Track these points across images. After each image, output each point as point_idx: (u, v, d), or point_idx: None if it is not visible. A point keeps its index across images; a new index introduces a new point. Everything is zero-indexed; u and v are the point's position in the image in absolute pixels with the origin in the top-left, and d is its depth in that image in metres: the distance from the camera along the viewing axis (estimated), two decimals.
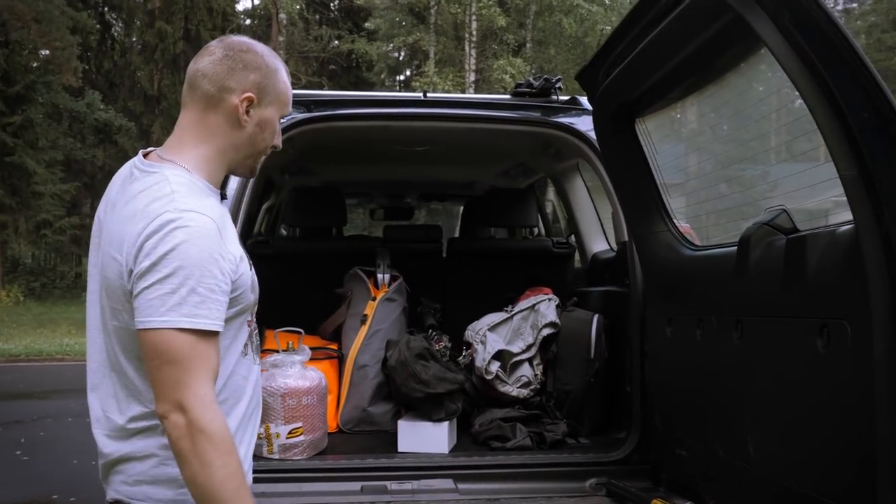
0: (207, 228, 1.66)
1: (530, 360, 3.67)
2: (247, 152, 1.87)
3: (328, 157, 4.73)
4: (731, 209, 3.45)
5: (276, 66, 1.87)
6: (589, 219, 4.51)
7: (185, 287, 1.61)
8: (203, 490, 1.61)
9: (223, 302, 1.68)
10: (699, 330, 2.67)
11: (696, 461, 2.75)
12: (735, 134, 3.33)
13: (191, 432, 1.59)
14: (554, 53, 26.69)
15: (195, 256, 1.63)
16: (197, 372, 1.61)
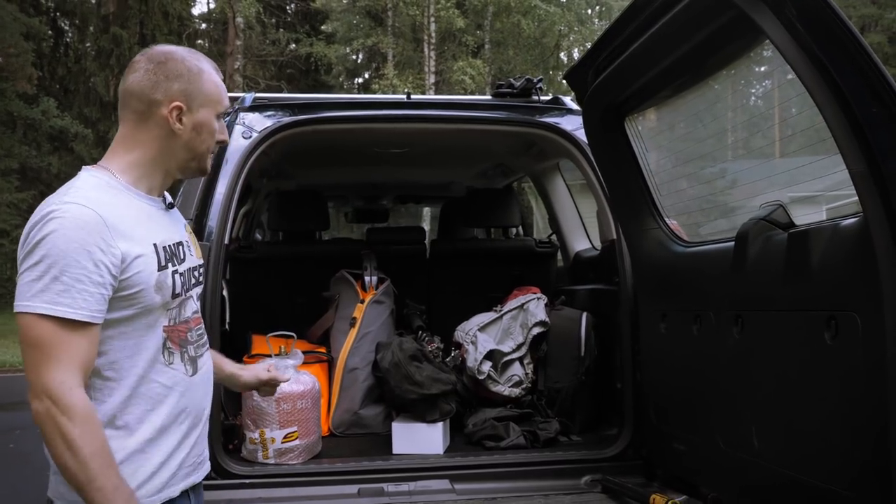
0: (84, 219, 1.69)
1: (521, 359, 3.69)
2: (187, 156, 1.92)
3: (308, 160, 4.71)
4: (719, 206, 3.51)
5: (200, 68, 1.91)
6: (570, 218, 4.55)
7: (48, 275, 1.65)
8: (71, 472, 1.64)
9: (96, 294, 1.68)
10: (696, 325, 2.70)
11: (695, 455, 2.78)
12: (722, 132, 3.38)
13: (52, 415, 1.62)
14: (513, 54, 26.82)
15: (62, 245, 1.66)
16: (58, 359, 1.64)
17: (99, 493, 1.64)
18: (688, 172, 3.53)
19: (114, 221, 1.73)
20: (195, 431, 1.95)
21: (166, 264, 1.84)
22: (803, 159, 2.66)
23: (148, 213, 1.87)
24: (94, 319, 1.69)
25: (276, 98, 3.83)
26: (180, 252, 1.93)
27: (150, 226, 1.84)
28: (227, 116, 1.93)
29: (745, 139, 4.23)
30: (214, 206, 3.15)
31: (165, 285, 1.82)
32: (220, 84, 1.96)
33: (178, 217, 2.05)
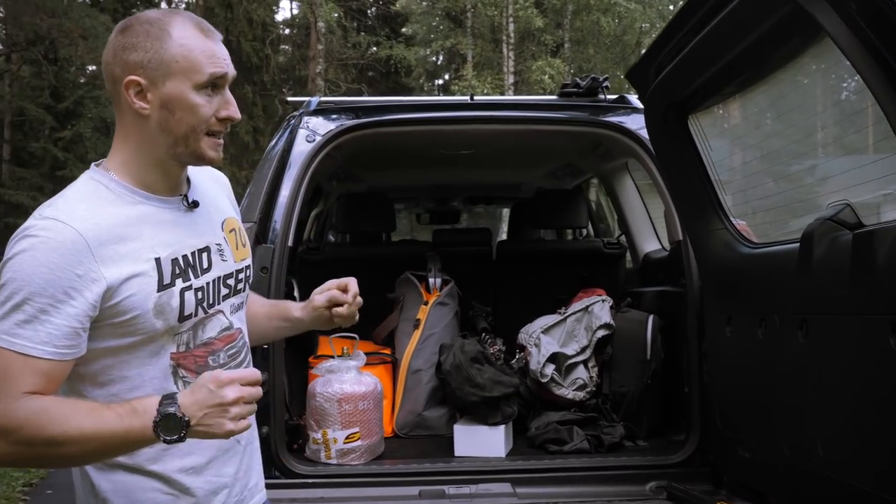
0: (59, 240, 1.46)
1: (585, 362, 3.64)
2: (168, 141, 1.59)
3: (375, 162, 4.75)
4: (788, 205, 3.40)
5: (163, 31, 1.56)
6: (640, 218, 4.47)
7: (10, 301, 1.44)
8: (82, 455, 1.50)
9: (64, 327, 1.45)
10: (761, 329, 2.62)
11: (760, 462, 2.70)
12: (790, 129, 3.28)
13: (9, 448, 1.44)
14: (593, 53, 26.54)
15: (28, 269, 1.44)
16: (7, 393, 1.43)
17: (118, 435, 1.45)
18: (767, 170, 3.44)
19: (99, 239, 1.49)
20: (230, 466, 1.72)
21: (173, 281, 1.57)
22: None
23: (156, 219, 1.60)
24: (59, 356, 1.46)
25: (340, 101, 3.87)
26: (203, 260, 1.65)
27: (154, 235, 1.58)
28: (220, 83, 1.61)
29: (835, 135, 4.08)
30: (278, 210, 3.20)
31: (169, 308, 1.56)
32: (197, 46, 1.56)
33: (208, 215, 1.73)
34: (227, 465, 1.71)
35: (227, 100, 1.61)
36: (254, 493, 1.82)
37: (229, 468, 1.71)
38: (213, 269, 1.67)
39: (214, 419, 1.44)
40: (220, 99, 1.60)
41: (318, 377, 3.27)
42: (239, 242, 1.79)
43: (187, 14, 1.62)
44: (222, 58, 1.60)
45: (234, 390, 1.43)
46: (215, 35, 1.62)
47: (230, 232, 1.77)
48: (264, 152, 3.54)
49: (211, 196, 1.78)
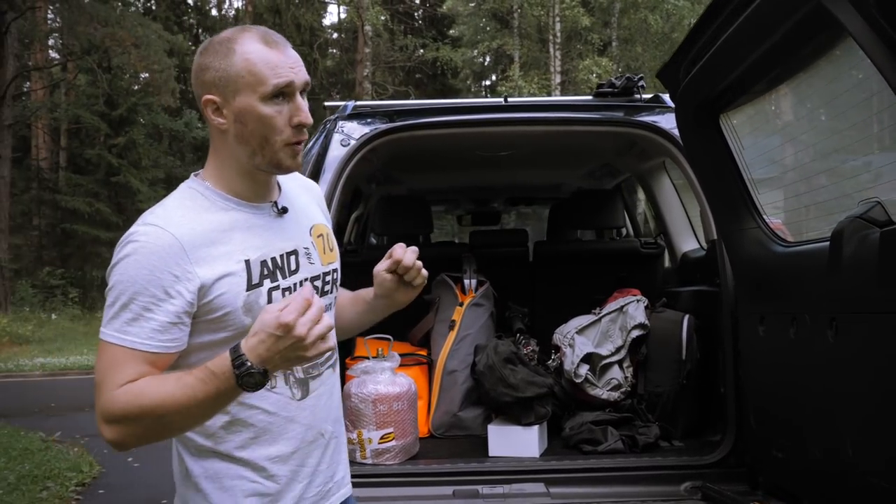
0: (159, 244, 1.58)
1: (620, 362, 3.63)
2: (247, 152, 1.69)
3: (412, 165, 4.79)
4: (824, 203, 3.35)
5: (230, 49, 1.65)
6: (677, 218, 4.44)
7: (118, 302, 1.58)
8: (184, 422, 1.59)
9: (166, 322, 1.58)
10: (792, 328, 2.59)
11: (793, 463, 2.67)
12: (823, 125, 3.23)
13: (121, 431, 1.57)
14: (641, 51, 26.31)
15: (132, 272, 1.57)
16: (115, 384, 1.57)
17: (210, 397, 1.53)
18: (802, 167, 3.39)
19: (193, 243, 1.61)
20: (312, 458, 1.80)
21: (261, 281, 1.67)
22: None
23: (246, 224, 1.70)
24: (163, 349, 1.60)
25: (376, 106, 3.92)
26: (290, 263, 1.74)
27: (244, 239, 1.68)
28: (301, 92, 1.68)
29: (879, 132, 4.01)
30: None
31: (257, 305, 1.65)
32: (260, 58, 1.63)
33: (297, 221, 1.82)
34: (310, 456, 1.79)
35: (298, 106, 1.67)
36: (340, 486, 1.90)
37: (312, 458, 1.80)
38: (300, 270, 1.76)
39: (293, 354, 1.50)
40: (291, 106, 1.66)
41: (353, 378, 3.32)
42: (326, 247, 1.87)
43: (256, 28, 1.69)
44: (288, 66, 1.66)
45: (303, 326, 1.48)
46: (281, 45, 1.67)
47: (318, 237, 1.85)
48: None
49: (300, 203, 1.87)
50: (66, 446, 7.87)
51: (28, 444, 7.75)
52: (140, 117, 26.02)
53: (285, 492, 1.75)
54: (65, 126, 27.53)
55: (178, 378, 1.56)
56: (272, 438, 1.72)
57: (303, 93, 1.69)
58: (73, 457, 7.32)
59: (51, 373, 14.31)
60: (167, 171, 27.53)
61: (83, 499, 6.27)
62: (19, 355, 16.36)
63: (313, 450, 1.79)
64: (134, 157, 25.83)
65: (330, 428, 1.84)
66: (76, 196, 25.47)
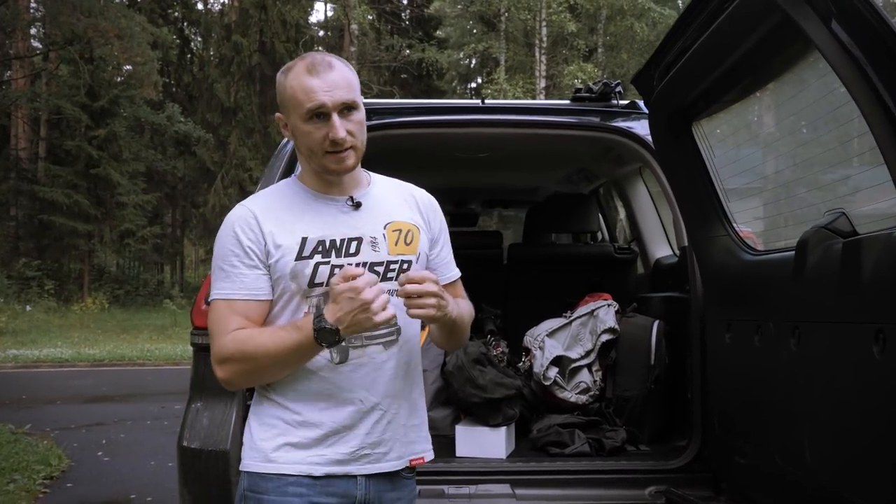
0: (239, 215, 1.98)
1: (589, 366, 3.65)
2: (304, 158, 2.03)
3: (389, 164, 4.77)
4: (793, 212, 3.38)
5: (285, 77, 1.98)
6: (651, 224, 4.46)
7: (217, 267, 1.98)
8: (281, 365, 1.91)
9: (251, 274, 1.94)
10: (757, 336, 2.62)
11: (755, 469, 2.69)
12: (794, 135, 3.26)
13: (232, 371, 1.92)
14: (626, 58, 26.45)
15: (222, 241, 1.98)
16: (225, 331, 1.92)
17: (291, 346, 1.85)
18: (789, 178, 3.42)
19: (266, 214, 1.97)
20: (347, 420, 1.96)
21: (311, 255, 1.94)
22: None
23: (317, 210, 2.00)
24: (253, 296, 1.94)
25: None
26: (350, 247, 1.98)
27: (312, 220, 1.98)
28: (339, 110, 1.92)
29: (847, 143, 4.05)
30: None
31: (303, 274, 1.93)
32: (300, 86, 1.94)
33: (371, 215, 2.04)
34: (342, 416, 1.97)
35: (332, 124, 1.93)
36: (382, 458, 2.02)
37: (345, 419, 1.97)
38: (360, 254, 1.99)
39: (361, 316, 1.80)
40: (328, 124, 1.93)
41: None
42: (402, 241, 2.07)
43: (311, 55, 2.01)
44: (324, 90, 1.92)
45: (371, 291, 1.80)
46: (323, 70, 1.95)
47: (394, 231, 2.07)
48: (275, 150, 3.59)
49: (388, 202, 2.11)
50: (35, 439, 7.78)
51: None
52: (122, 110, 25.82)
53: (314, 438, 1.95)
54: (45, 116, 27.27)
55: (273, 331, 1.92)
56: (307, 390, 1.95)
57: (346, 110, 1.95)
58: (42, 449, 7.24)
59: (23, 365, 14.18)
60: (148, 164, 27.33)
61: (51, 492, 6.20)
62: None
63: (348, 412, 1.96)
64: (115, 150, 25.63)
65: (373, 398, 1.99)
66: (55, 187, 25.23)
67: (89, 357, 14.98)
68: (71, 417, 9.20)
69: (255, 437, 2.00)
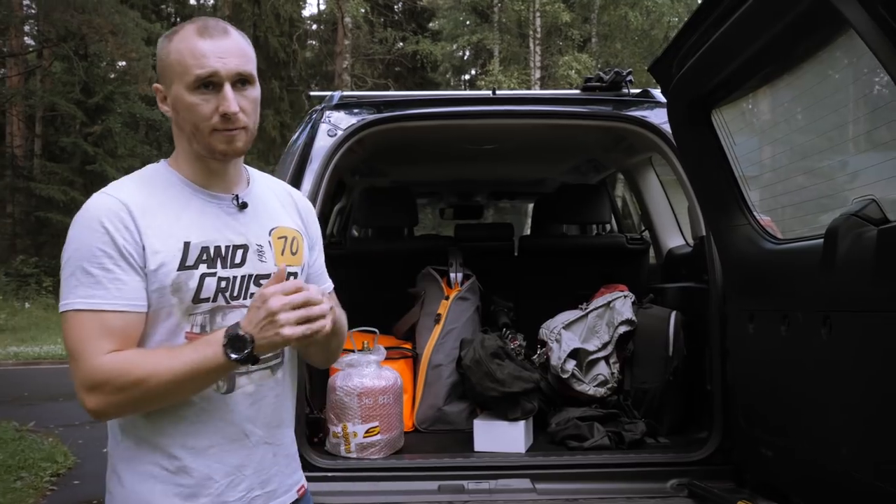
0: (106, 207, 1.64)
1: (606, 358, 3.62)
2: (185, 137, 1.73)
3: (397, 157, 4.75)
4: (813, 201, 3.34)
5: (170, 40, 1.71)
6: (663, 214, 4.43)
7: (79, 270, 1.62)
8: (169, 392, 1.62)
9: (131, 281, 1.62)
10: (783, 326, 2.58)
11: (783, 461, 2.66)
12: (814, 124, 3.22)
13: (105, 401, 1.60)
14: (620, 48, 26.38)
15: (86, 238, 1.63)
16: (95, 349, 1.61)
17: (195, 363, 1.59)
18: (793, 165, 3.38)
19: (141, 210, 1.65)
20: (233, 458, 1.74)
21: (195, 265, 1.67)
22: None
23: (199, 209, 1.73)
24: (131, 307, 1.63)
25: (363, 96, 3.87)
26: (236, 256, 1.74)
27: (192, 222, 1.70)
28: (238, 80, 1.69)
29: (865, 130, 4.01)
30: None
31: (186, 287, 1.66)
32: (188, 49, 1.67)
33: (257, 219, 1.81)
34: (231, 455, 1.74)
35: (223, 96, 1.67)
36: (272, 497, 1.82)
37: (233, 459, 1.74)
38: (246, 265, 1.76)
39: (268, 331, 1.56)
40: (219, 96, 1.67)
41: (338, 371, 3.28)
42: (287, 250, 1.85)
43: (201, 19, 1.72)
44: (217, 56, 1.66)
45: (278, 300, 1.56)
46: (217, 35, 1.69)
47: (279, 238, 1.84)
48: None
49: (269, 205, 1.88)
50: (40, 436, 7.75)
51: (1, 434, 7.62)
52: (117, 106, 25.66)
53: (200, 487, 1.70)
54: (40, 113, 27.11)
55: (170, 349, 1.63)
56: (189, 427, 1.69)
57: (241, 83, 1.70)
58: (47, 447, 7.21)
59: (24, 362, 14.11)
60: (143, 160, 27.03)
61: (58, 489, 6.17)
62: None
63: (236, 450, 1.74)
64: (110, 146, 25.49)
65: (259, 432, 1.78)
66: (51, 184, 25.11)
67: None
68: (74, 414, 9.11)
69: (128, 490, 1.69)
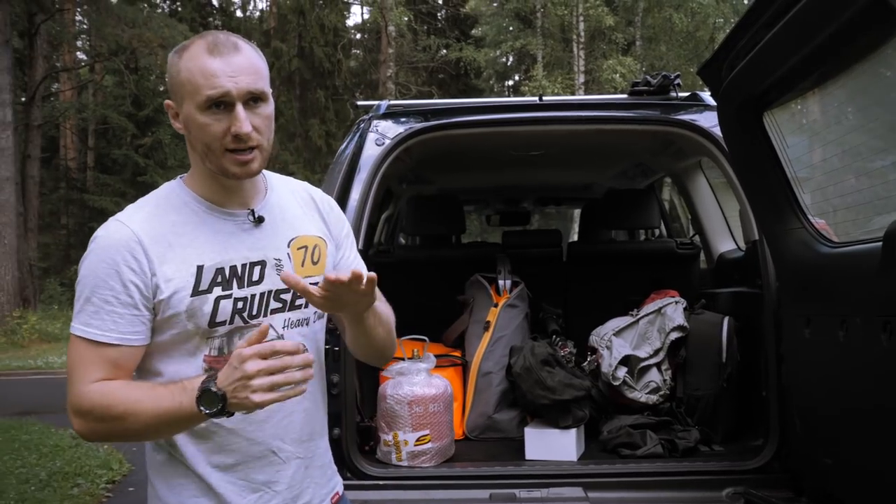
0: (118, 237, 1.64)
1: (658, 364, 3.57)
2: (198, 157, 1.71)
3: (444, 165, 4.76)
4: (868, 203, 3.27)
5: (179, 57, 1.67)
6: (714, 218, 4.37)
7: (83, 296, 1.65)
8: (148, 432, 1.66)
9: (127, 315, 1.64)
10: (841, 331, 2.53)
11: (843, 470, 2.60)
12: (869, 124, 3.16)
13: (89, 427, 1.65)
14: (665, 50, 26.16)
15: (94, 266, 1.64)
16: (84, 378, 1.64)
17: (170, 411, 1.59)
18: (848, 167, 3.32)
19: (152, 239, 1.65)
20: (261, 475, 1.77)
21: (209, 289, 1.67)
22: None
23: (213, 229, 1.72)
24: (125, 342, 1.64)
25: (409, 105, 3.89)
26: (254, 273, 1.72)
27: (205, 244, 1.69)
28: (249, 100, 1.67)
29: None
30: (348, 213, 3.22)
31: (200, 312, 1.66)
32: (199, 69, 1.63)
33: (274, 231, 1.79)
34: (258, 472, 1.76)
35: (235, 116, 1.63)
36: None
37: (261, 476, 1.76)
38: (264, 282, 1.74)
39: (240, 393, 1.53)
40: (231, 116, 1.64)
41: (388, 379, 3.29)
42: (308, 260, 1.82)
43: (211, 34, 1.68)
44: (228, 75, 1.62)
45: (254, 364, 1.51)
46: (227, 52, 1.64)
47: (298, 249, 1.81)
48: (335, 156, 3.58)
49: (289, 213, 1.84)
50: (95, 444, 7.90)
51: (58, 441, 7.79)
52: (166, 118, 25.97)
53: (229, 503, 1.74)
54: (92, 126, 27.79)
55: (150, 387, 1.64)
56: (214, 446, 1.72)
57: (253, 101, 1.66)
58: (102, 454, 7.34)
59: None
60: None
61: (113, 496, 6.29)
62: (48, 352, 16.49)
63: (263, 466, 1.76)
64: (160, 157, 26.02)
65: (290, 448, 1.80)
66: (103, 195, 25.72)
67: None
68: None
69: (163, 503, 1.76)
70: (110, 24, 21.26)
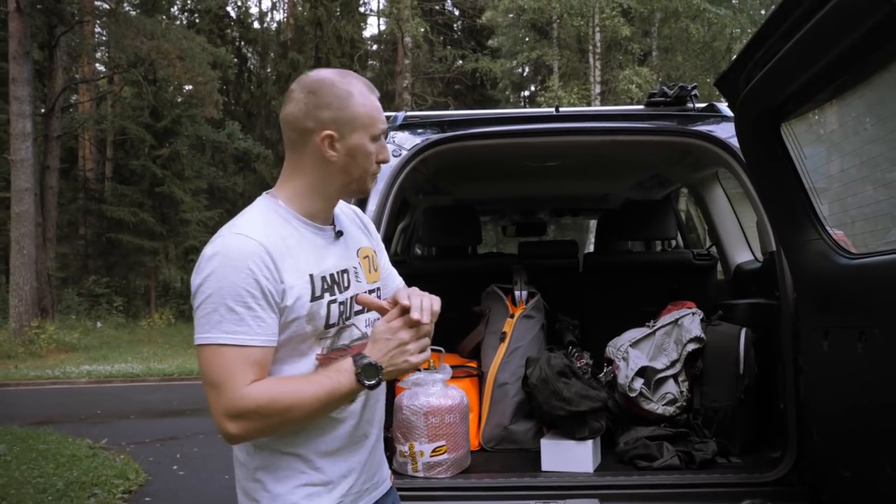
0: (247, 250, 1.78)
1: (675, 376, 3.56)
2: (345, 180, 1.94)
3: (461, 175, 4.77)
4: (886, 214, 3.26)
5: (349, 92, 1.90)
6: (731, 229, 4.36)
7: (223, 306, 1.76)
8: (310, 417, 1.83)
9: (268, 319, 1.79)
10: (860, 343, 2.51)
11: (862, 482, 2.59)
12: (889, 135, 3.15)
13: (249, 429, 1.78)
14: (681, 60, 26.08)
15: (231, 277, 1.76)
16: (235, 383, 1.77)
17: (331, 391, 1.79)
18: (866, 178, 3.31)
19: (276, 250, 1.81)
20: (357, 457, 1.99)
21: (322, 294, 1.87)
22: None
23: (311, 242, 1.92)
24: (269, 343, 1.80)
25: (426, 116, 3.90)
26: (344, 280, 1.95)
27: (311, 256, 1.89)
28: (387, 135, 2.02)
29: None
30: None
31: (318, 316, 1.86)
32: (372, 105, 1.93)
33: (350, 243, 2.05)
34: (355, 454, 1.98)
35: (383, 146, 1.98)
36: (378, 484, 2.09)
37: (357, 457, 1.99)
38: (350, 287, 1.97)
39: (398, 359, 1.82)
40: (379, 146, 1.96)
41: (404, 390, 3.30)
42: (371, 267, 2.10)
43: (357, 76, 1.97)
44: (384, 114, 1.97)
45: (407, 332, 1.82)
46: (377, 93, 1.99)
47: (364, 258, 2.08)
48: None
49: (350, 228, 2.10)
50: (112, 453, 7.95)
51: (75, 451, 7.85)
52: (184, 129, 26.37)
53: (333, 485, 1.93)
54: (111, 137, 28.04)
55: (306, 378, 1.83)
56: (322, 435, 1.91)
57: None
58: (119, 464, 7.39)
59: (96, 380, 14.52)
60: (209, 181, 27.90)
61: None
62: (66, 362, 16.63)
63: (358, 449, 1.98)
64: (178, 168, 26.21)
65: (374, 431, 2.04)
66: (121, 206, 25.92)
67: (159, 372, 15.25)
68: (145, 431, 9.37)
69: (273, 493, 1.90)
70: (129, 35, 21.46)
